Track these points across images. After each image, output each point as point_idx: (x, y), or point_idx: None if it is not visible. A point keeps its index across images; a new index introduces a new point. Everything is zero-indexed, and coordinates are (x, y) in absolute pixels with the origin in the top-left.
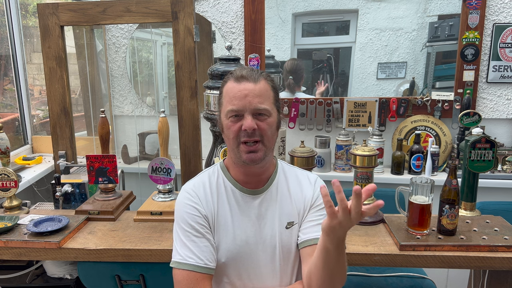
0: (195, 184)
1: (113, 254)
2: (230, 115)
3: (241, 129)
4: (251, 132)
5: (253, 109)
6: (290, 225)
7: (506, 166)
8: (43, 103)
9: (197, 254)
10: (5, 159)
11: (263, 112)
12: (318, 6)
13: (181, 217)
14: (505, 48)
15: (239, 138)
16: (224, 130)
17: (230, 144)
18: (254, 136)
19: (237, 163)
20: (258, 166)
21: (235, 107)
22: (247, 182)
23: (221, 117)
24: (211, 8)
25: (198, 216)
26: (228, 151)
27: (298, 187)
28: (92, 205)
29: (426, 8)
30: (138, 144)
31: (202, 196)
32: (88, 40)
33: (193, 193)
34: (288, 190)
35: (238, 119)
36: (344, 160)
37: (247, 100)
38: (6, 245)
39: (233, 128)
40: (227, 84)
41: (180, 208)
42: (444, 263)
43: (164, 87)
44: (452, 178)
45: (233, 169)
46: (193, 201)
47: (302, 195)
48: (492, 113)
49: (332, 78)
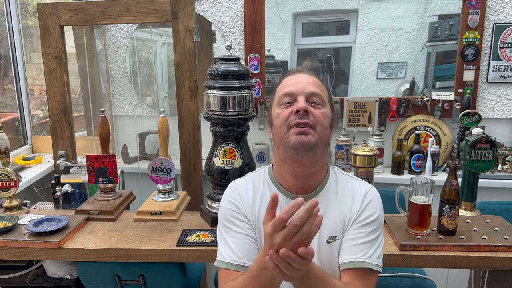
0: (239, 184)
1: (113, 254)
2: (282, 102)
3: (291, 113)
4: (303, 114)
5: (307, 92)
6: (332, 240)
7: (506, 166)
8: (43, 103)
9: (236, 251)
10: (5, 159)
11: (317, 98)
12: (318, 6)
13: (222, 213)
14: (505, 48)
15: (288, 123)
16: (273, 122)
17: (278, 133)
18: (306, 119)
19: (285, 157)
20: (308, 163)
21: (288, 90)
22: (293, 186)
23: (272, 114)
24: (211, 8)
25: (237, 213)
26: (275, 148)
27: (349, 198)
28: (92, 205)
29: (426, 8)
30: (138, 144)
31: (244, 196)
32: (88, 40)
33: (235, 191)
34: (337, 200)
35: (290, 105)
36: (344, 160)
37: (301, 85)
38: (6, 245)
39: (283, 113)
40: (282, 81)
41: (222, 204)
42: (444, 263)
43: (164, 87)
44: (452, 178)
45: (280, 170)
46: (234, 198)
47: (350, 207)
48: (492, 113)
49: (332, 78)
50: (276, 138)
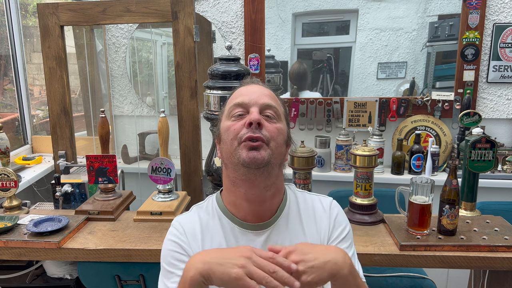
0: (183, 220)
1: (113, 254)
2: (233, 113)
3: (243, 126)
4: (255, 127)
5: (262, 103)
6: None
7: (506, 166)
8: (43, 103)
9: None
10: (5, 159)
11: (272, 112)
12: (318, 6)
13: (163, 256)
14: (505, 48)
15: (239, 137)
16: (222, 137)
17: (228, 148)
18: (259, 133)
19: (235, 177)
20: (263, 184)
21: (240, 100)
22: (248, 214)
23: (220, 127)
24: (211, 8)
25: (182, 254)
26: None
27: (312, 217)
28: (92, 205)
29: (426, 8)
30: (138, 144)
31: (191, 234)
32: (88, 40)
33: (180, 229)
34: (301, 222)
35: (241, 118)
36: (344, 160)
37: (255, 95)
38: (6, 245)
39: (234, 126)
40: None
41: (164, 246)
42: (444, 263)
43: (164, 87)
44: (452, 178)
45: (232, 197)
46: (178, 237)
47: (317, 228)
48: (492, 113)
49: (332, 78)
50: (224, 156)
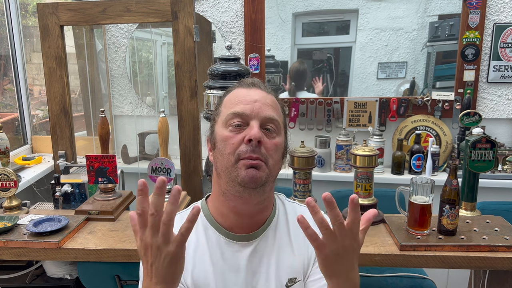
0: None
1: (113, 254)
2: (231, 122)
3: (242, 142)
4: (255, 144)
5: (263, 117)
6: (292, 283)
7: (507, 166)
8: (43, 103)
9: None
10: (5, 159)
11: (273, 125)
12: (318, 6)
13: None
14: (505, 48)
15: (238, 154)
16: (217, 144)
17: (224, 162)
18: (258, 153)
19: (228, 191)
20: (256, 201)
21: (241, 110)
22: (235, 225)
23: (215, 131)
24: (211, 8)
25: None
26: (215, 175)
27: (300, 229)
28: (92, 205)
29: (426, 8)
30: (138, 144)
31: None
32: (88, 40)
33: None
34: (289, 235)
35: (240, 129)
36: (344, 160)
37: (257, 105)
38: (6, 245)
39: (232, 140)
40: (231, 92)
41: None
42: (445, 263)
43: (164, 87)
44: (453, 178)
45: (219, 205)
46: None
47: (304, 240)
48: (492, 113)
49: (332, 78)
50: (219, 166)
